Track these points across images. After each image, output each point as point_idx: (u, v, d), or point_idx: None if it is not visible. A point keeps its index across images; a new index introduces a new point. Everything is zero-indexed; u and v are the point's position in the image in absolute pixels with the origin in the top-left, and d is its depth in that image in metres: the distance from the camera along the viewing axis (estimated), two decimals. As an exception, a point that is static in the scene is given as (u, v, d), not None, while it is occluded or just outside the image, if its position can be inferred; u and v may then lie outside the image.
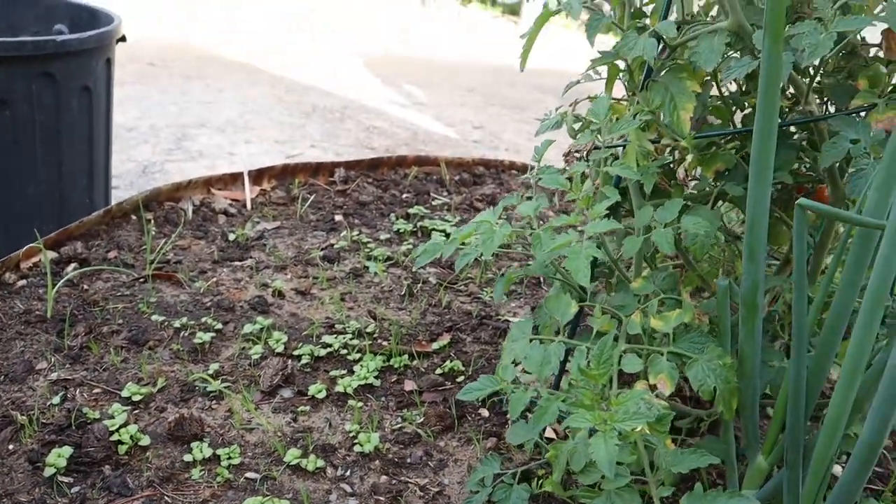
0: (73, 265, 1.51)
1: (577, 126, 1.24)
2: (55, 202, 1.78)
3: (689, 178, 1.11)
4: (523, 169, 2.43)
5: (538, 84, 5.94)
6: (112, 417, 1.10)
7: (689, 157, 1.02)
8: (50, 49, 1.63)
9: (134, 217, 1.74)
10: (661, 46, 1.07)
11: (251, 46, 5.79)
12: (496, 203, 2.20)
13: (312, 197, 2.02)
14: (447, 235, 1.92)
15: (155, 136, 3.49)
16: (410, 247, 1.82)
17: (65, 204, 1.80)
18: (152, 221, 1.75)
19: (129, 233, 1.68)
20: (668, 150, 1.10)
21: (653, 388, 0.91)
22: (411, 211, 2.01)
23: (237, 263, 1.65)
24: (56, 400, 1.13)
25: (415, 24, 8.03)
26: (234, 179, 2.00)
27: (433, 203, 2.11)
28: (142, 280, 1.53)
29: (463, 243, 1.05)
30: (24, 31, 2.09)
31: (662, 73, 1.10)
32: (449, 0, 9.28)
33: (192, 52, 5.32)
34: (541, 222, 1.03)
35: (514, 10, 9.71)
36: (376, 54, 6.31)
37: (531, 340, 0.95)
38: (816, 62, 0.87)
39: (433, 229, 1.92)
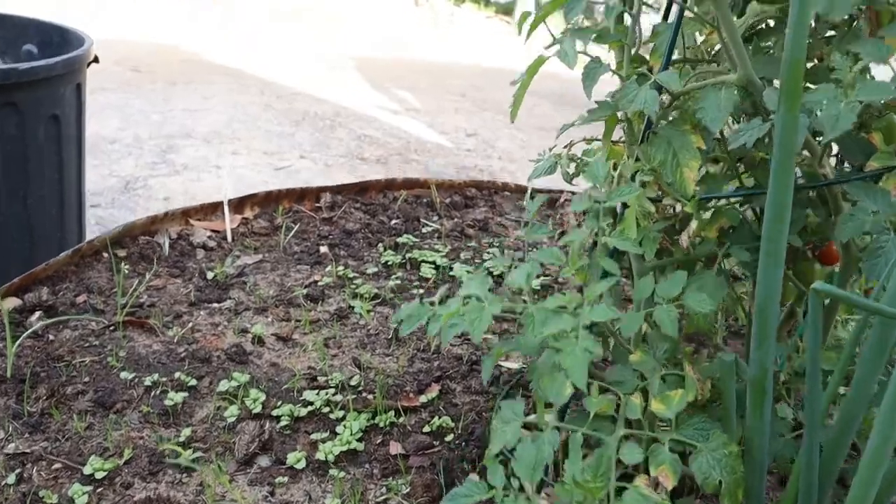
0: (37, 314, 1.43)
1: (571, 170, 1.16)
2: (24, 236, 1.70)
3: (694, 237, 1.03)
4: (516, 190, 2.35)
5: (532, 88, 5.81)
6: (72, 502, 1.02)
7: (694, 224, 0.94)
8: (13, 78, 1.54)
9: (106, 255, 1.65)
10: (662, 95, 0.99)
11: (240, 49, 5.68)
12: (488, 229, 2.12)
13: (297, 226, 1.94)
14: (437, 268, 1.84)
15: (139, 148, 3.40)
16: (398, 282, 1.73)
17: (34, 238, 1.71)
18: (126, 259, 1.67)
19: (100, 273, 1.60)
20: (671, 209, 1.02)
21: (655, 481, 0.84)
22: (400, 240, 1.92)
23: (215, 305, 1.56)
24: (11, 479, 1.05)
25: (408, 27, 7.93)
26: (214, 209, 1.92)
27: (423, 230, 2.02)
28: (112, 328, 1.44)
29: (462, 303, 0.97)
30: (-8, 53, 1.99)
31: (664, 123, 1.02)
32: (442, 1, 9.17)
33: (179, 56, 5.21)
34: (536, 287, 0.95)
35: (507, 10, 9.60)
36: (369, 58, 6.21)
37: (523, 425, 0.88)
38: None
39: (423, 261, 1.83)
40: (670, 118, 1.02)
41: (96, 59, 1.88)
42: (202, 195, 3.02)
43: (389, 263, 1.82)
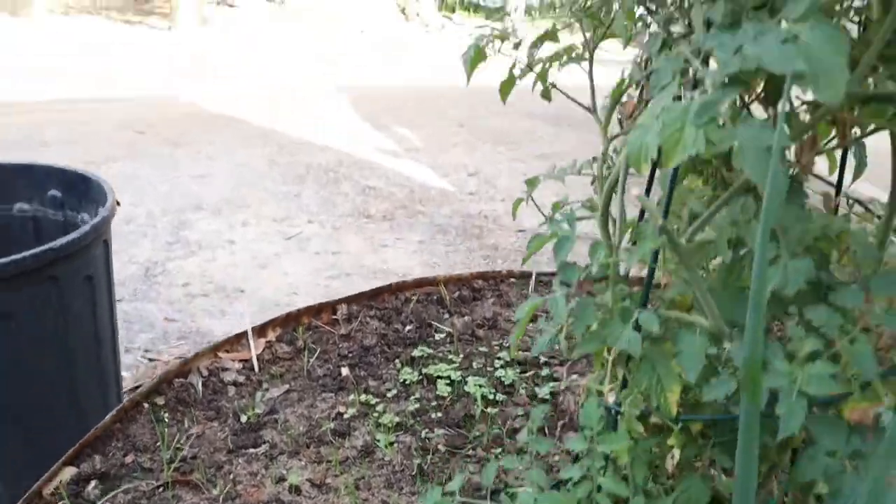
0: (93, 483, 1.56)
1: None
2: (70, 401, 1.82)
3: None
4: (521, 276, 2.46)
5: (528, 110, 5.93)
6: None
7: (677, 453, 1.05)
8: (49, 257, 1.66)
9: (146, 405, 1.78)
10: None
11: (234, 91, 5.78)
12: (497, 326, 2.24)
13: (318, 346, 2.06)
14: (452, 383, 1.97)
15: (153, 227, 3.52)
16: (417, 405, 1.86)
17: (79, 398, 1.84)
18: (164, 407, 1.79)
19: (143, 427, 1.73)
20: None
21: None
22: (415, 353, 2.04)
23: (251, 451, 1.69)
24: None
25: (400, 45, 8.00)
26: (239, 339, 2.04)
27: (436, 337, 2.14)
28: (161, 488, 1.57)
29: None
30: (17, 198, 2.12)
31: (647, 344, 1.13)
32: (433, 11, 9.23)
33: (178, 110, 5.32)
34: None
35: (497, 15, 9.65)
36: (364, 88, 6.30)
37: None
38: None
39: (438, 377, 1.95)
40: (655, 344, 1.12)
41: (117, 203, 2.00)
42: (220, 276, 3.15)
43: (407, 382, 1.94)
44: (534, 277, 2.45)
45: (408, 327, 2.19)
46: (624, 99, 1.11)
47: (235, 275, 3.15)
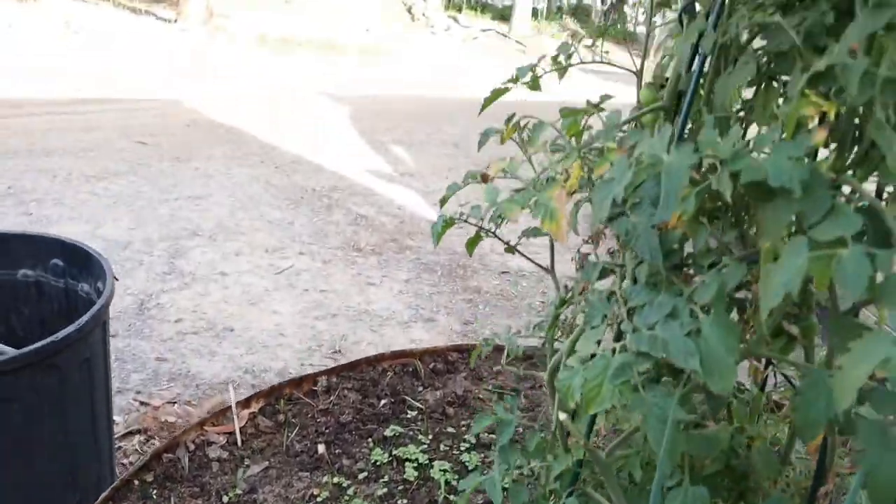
0: (85, 565, 1.72)
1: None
2: (68, 482, 1.97)
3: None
4: (495, 349, 2.61)
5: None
6: None
7: None
8: (52, 349, 1.80)
9: (136, 482, 1.94)
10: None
11: (235, 92, 5.87)
12: (467, 404, 2.40)
13: (297, 422, 2.21)
14: (419, 467, 2.13)
15: (149, 254, 3.65)
16: (385, 489, 2.02)
17: (77, 475, 1.99)
18: (153, 483, 1.95)
19: (132, 505, 1.89)
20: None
21: None
22: (387, 433, 2.20)
23: (230, 533, 1.85)
24: None
25: (404, 44, 8.06)
26: (224, 412, 2.19)
27: (408, 414, 2.30)
28: (146, 571, 1.73)
29: None
30: (22, 264, 2.25)
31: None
32: (439, 10, 9.26)
33: (182, 117, 5.43)
34: None
35: (503, 15, 9.69)
36: (363, 97, 6.39)
37: None
38: None
39: (406, 459, 2.11)
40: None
41: (115, 278, 2.13)
42: (211, 312, 3.29)
43: (378, 463, 2.10)
44: (507, 351, 2.59)
45: (383, 401, 2.34)
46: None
47: (226, 311, 3.29)
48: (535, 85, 1.28)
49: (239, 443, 2.13)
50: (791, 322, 1.01)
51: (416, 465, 2.12)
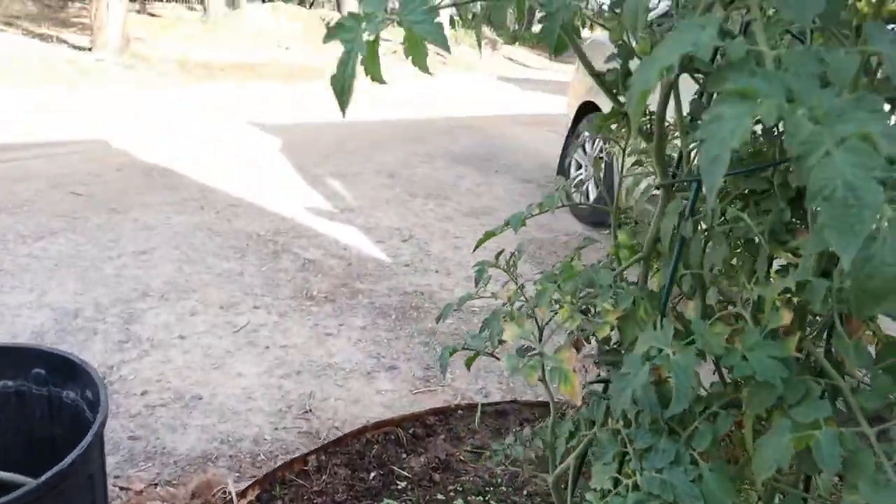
0: None
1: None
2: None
3: None
4: (466, 408, 2.76)
5: (455, 154, 6.18)
6: None
7: None
8: (57, 480, 1.83)
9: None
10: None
11: (163, 137, 5.78)
12: (451, 467, 2.54)
13: (294, 506, 2.30)
14: (415, 542, 2.26)
15: (102, 321, 3.61)
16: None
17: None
18: (166, 590, 2.01)
19: None
20: None
21: None
22: (381, 509, 2.32)
23: None
24: None
25: (325, 62, 8.04)
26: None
27: (398, 485, 2.42)
28: None
29: None
30: (2, 376, 2.25)
31: None
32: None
33: (111, 161, 5.32)
34: None
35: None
36: (293, 127, 6.38)
37: None
38: None
39: (402, 535, 2.24)
40: None
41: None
42: (175, 381, 3.29)
43: (377, 543, 2.22)
44: (479, 410, 2.76)
45: (372, 474, 2.46)
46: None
47: (191, 378, 3.31)
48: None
49: (242, 537, 2.21)
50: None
51: (411, 542, 2.25)
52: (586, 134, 5.20)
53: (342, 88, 0.97)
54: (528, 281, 1.51)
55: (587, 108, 5.10)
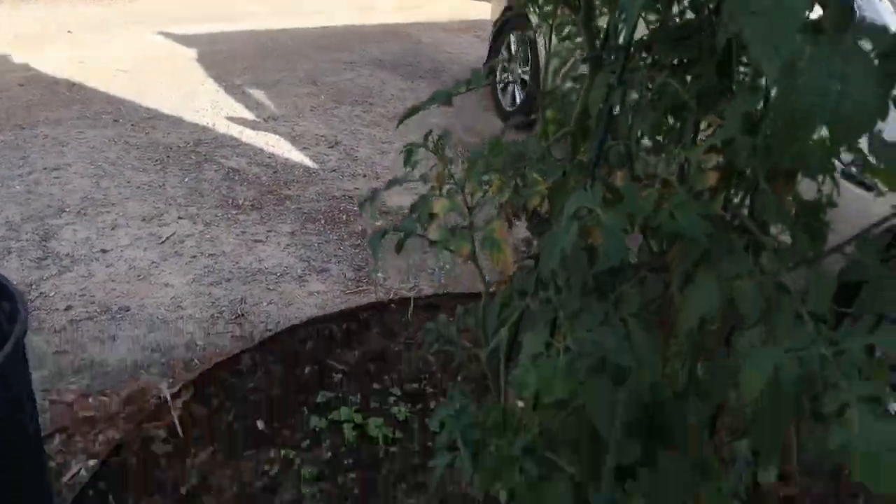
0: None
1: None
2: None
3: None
4: (400, 303, 2.79)
5: (378, 59, 6.05)
6: None
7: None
8: None
9: (91, 491, 1.99)
10: None
11: (67, 49, 5.45)
12: (386, 359, 2.58)
13: (231, 404, 2.31)
14: (356, 427, 2.30)
15: (16, 238, 3.46)
16: (330, 454, 2.19)
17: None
18: (108, 490, 2.01)
19: (90, 513, 1.95)
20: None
21: None
22: (318, 399, 2.35)
23: (194, 522, 1.97)
24: None
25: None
26: (159, 409, 2.25)
27: (334, 378, 2.46)
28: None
29: None
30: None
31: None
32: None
33: (13, 76, 5.00)
34: None
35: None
36: (207, 37, 6.11)
37: None
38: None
39: (343, 421, 2.29)
40: None
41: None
42: (100, 294, 3.21)
43: (317, 429, 2.26)
44: (412, 304, 2.79)
45: (307, 369, 2.48)
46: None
47: (116, 290, 3.24)
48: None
49: (180, 434, 2.22)
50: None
51: (352, 425, 2.30)
52: (512, 36, 5.15)
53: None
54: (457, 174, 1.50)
55: (510, 13, 5.06)
